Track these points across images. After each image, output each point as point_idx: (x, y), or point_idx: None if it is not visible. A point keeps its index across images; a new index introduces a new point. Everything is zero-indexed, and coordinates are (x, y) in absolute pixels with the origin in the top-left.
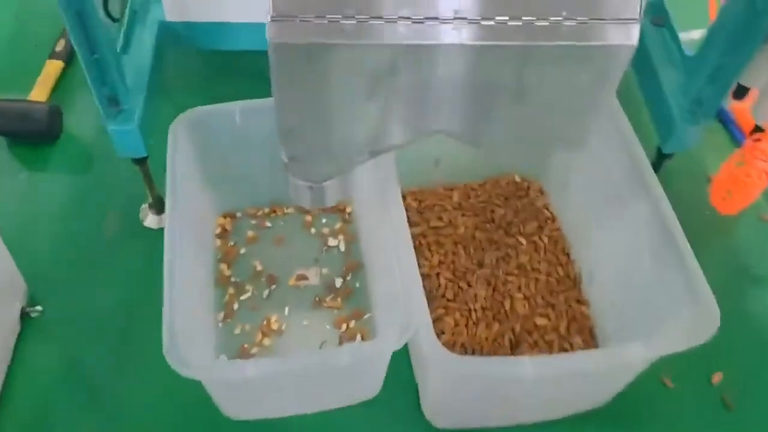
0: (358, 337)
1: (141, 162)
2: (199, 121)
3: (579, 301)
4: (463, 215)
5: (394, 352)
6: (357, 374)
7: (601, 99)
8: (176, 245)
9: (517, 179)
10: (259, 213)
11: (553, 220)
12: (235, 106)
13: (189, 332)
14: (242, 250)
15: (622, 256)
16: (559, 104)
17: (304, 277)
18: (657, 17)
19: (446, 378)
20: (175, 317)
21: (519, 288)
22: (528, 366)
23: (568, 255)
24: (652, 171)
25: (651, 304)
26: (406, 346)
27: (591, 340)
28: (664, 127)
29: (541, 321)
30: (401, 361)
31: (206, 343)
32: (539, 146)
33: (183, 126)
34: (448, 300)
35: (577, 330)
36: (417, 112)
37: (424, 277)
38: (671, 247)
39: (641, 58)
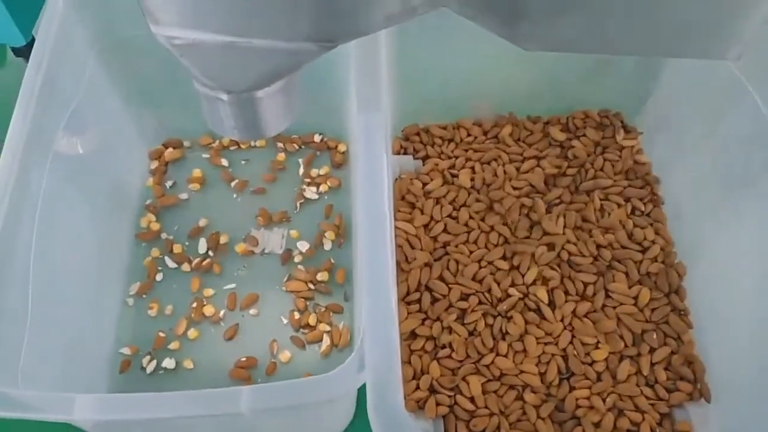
0: (325, 341)
1: (24, 53)
2: None
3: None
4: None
5: None
6: (302, 413)
7: None
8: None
9: (596, 115)
10: (215, 144)
11: (658, 203)
12: None
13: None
14: (183, 195)
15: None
16: None
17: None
18: None
19: None
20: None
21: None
22: None
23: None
24: None
25: None
26: None
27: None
28: None
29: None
30: None
31: (102, 328)
32: (653, 46)
33: None
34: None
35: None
36: None
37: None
38: None
39: None
